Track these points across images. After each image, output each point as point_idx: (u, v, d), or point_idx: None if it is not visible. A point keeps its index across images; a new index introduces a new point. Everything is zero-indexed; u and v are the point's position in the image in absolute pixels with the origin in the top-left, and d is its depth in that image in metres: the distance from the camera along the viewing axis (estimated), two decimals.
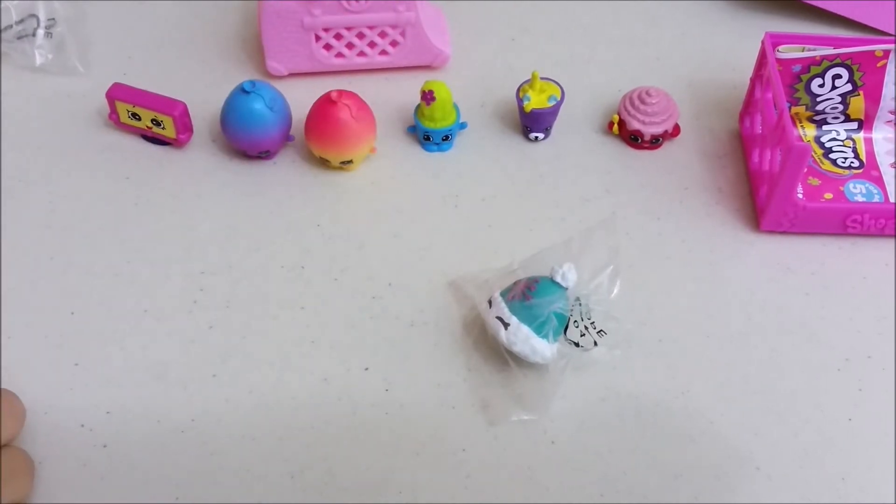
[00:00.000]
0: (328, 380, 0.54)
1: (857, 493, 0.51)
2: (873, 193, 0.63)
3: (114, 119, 0.63)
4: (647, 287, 0.59)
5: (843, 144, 0.65)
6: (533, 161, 0.65)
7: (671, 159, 0.65)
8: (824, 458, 0.52)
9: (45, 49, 0.68)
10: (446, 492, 0.50)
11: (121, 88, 0.63)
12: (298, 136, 0.64)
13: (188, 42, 0.71)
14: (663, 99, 0.64)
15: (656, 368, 0.55)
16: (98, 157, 0.64)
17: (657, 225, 0.62)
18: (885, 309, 0.58)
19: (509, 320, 0.52)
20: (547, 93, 0.64)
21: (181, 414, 0.52)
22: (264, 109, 0.60)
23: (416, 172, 0.64)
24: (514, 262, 0.56)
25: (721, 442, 0.52)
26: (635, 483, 0.50)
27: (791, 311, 0.58)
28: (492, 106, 0.68)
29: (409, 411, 0.53)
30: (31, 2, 0.69)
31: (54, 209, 0.61)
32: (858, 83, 0.64)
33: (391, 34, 0.67)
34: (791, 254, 0.60)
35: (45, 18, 0.69)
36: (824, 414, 0.53)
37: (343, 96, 0.60)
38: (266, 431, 0.52)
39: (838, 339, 0.57)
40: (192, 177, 0.63)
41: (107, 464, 0.50)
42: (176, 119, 0.62)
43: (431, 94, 0.62)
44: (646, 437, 0.52)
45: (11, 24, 0.69)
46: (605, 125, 0.67)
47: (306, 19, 0.65)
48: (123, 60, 0.69)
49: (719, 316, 0.57)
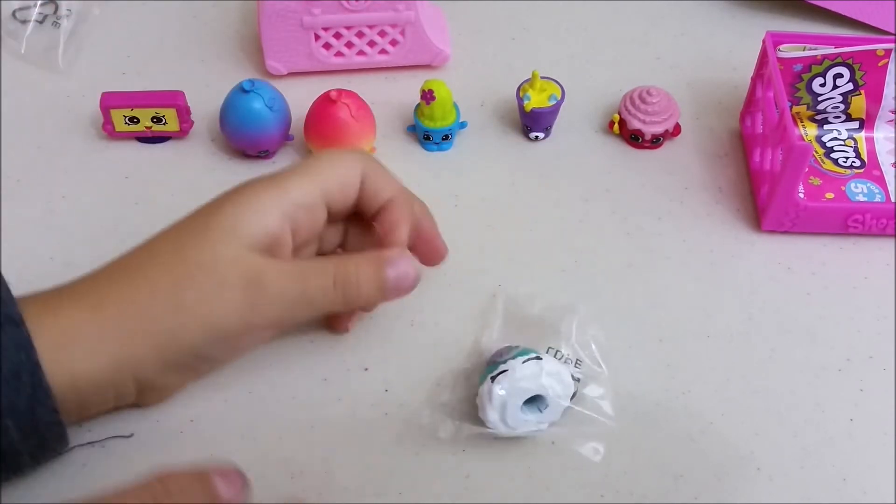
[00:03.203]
0: (328, 380, 0.54)
1: (857, 494, 0.50)
2: (875, 193, 0.63)
3: (108, 130, 0.63)
4: (647, 287, 0.58)
5: (844, 144, 0.65)
6: (533, 161, 0.65)
7: (672, 159, 0.65)
8: (825, 459, 0.52)
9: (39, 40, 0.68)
10: (446, 492, 0.50)
11: (112, 96, 0.62)
12: (298, 135, 0.64)
13: (187, 41, 0.71)
14: (664, 98, 0.64)
15: (656, 368, 0.55)
16: (98, 157, 0.64)
17: (657, 225, 0.62)
18: (886, 309, 0.58)
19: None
20: (547, 92, 0.64)
21: (181, 414, 0.52)
22: (263, 109, 0.60)
23: (415, 172, 0.64)
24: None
25: (721, 442, 0.52)
26: (635, 483, 0.50)
27: (792, 311, 0.58)
28: (492, 105, 0.68)
29: (409, 411, 0.52)
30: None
31: (54, 209, 0.61)
32: (860, 82, 0.64)
33: (391, 33, 0.66)
34: (792, 254, 0.60)
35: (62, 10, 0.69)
36: (825, 414, 0.53)
37: (343, 95, 0.60)
38: (266, 431, 0.52)
39: (839, 339, 0.57)
40: (191, 176, 0.63)
41: (106, 464, 0.50)
42: (180, 109, 0.62)
43: (431, 94, 0.62)
44: (646, 437, 0.52)
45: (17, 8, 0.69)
46: (605, 124, 0.67)
47: (306, 18, 0.64)
48: (122, 59, 0.69)
49: (719, 316, 0.57)
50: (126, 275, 0.47)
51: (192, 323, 0.46)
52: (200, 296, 0.46)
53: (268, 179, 0.49)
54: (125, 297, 0.46)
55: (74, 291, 0.47)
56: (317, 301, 0.48)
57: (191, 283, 0.46)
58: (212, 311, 0.46)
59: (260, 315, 0.47)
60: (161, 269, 0.47)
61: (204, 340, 0.47)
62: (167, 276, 0.47)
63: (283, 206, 0.48)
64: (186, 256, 0.47)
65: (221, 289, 0.46)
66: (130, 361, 0.46)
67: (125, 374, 0.46)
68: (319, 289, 0.48)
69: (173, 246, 0.48)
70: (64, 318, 0.45)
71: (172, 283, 0.46)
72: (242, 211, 0.48)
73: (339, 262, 0.49)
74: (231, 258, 0.47)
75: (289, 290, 0.47)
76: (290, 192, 0.49)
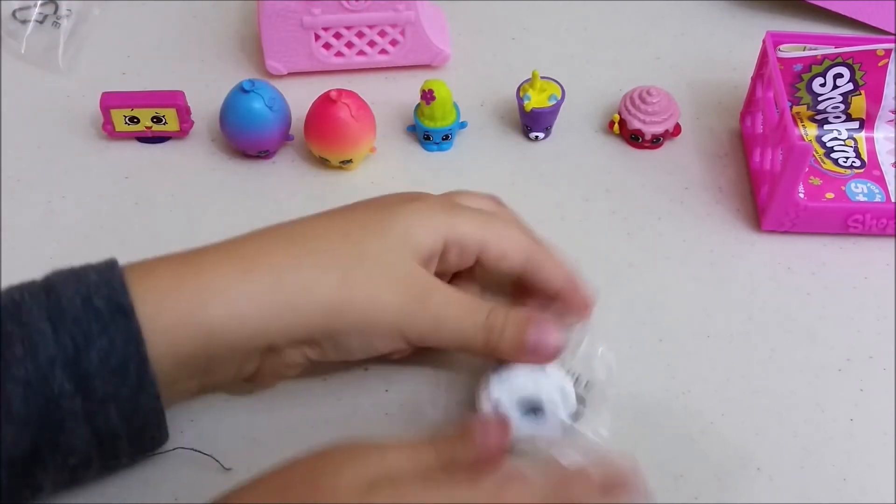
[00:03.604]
0: (328, 380, 0.54)
1: (858, 494, 0.50)
2: (875, 193, 0.63)
3: (108, 130, 0.63)
4: (647, 287, 0.58)
5: (844, 144, 0.65)
6: (533, 161, 0.65)
7: (672, 159, 0.65)
8: (825, 459, 0.52)
9: (39, 40, 0.68)
10: None
11: (113, 96, 0.62)
12: (298, 135, 0.64)
13: (187, 41, 0.71)
14: (664, 98, 0.64)
15: (656, 368, 0.55)
16: (98, 157, 0.64)
17: (657, 225, 0.62)
18: (886, 309, 0.58)
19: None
20: (547, 92, 0.64)
21: (181, 414, 0.52)
22: (263, 109, 0.60)
23: (416, 172, 0.64)
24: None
25: (721, 442, 0.52)
26: None
27: (792, 311, 0.58)
28: (492, 105, 0.68)
29: (410, 411, 0.52)
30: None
31: (54, 209, 0.61)
32: (860, 82, 0.64)
33: (391, 33, 0.66)
34: (792, 254, 0.60)
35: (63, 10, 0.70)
36: (825, 414, 0.53)
37: (343, 95, 0.60)
38: (266, 431, 0.52)
39: (839, 339, 0.57)
40: (191, 176, 0.63)
41: None
42: (180, 109, 0.62)
43: (431, 94, 0.62)
44: (646, 437, 0.52)
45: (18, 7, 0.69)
46: (605, 124, 0.67)
47: (306, 18, 0.64)
48: (122, 59, 0.69)
49: (719, 316, 0.57)
50: (281, 245, 0.47)
51: (352, 303, 0.46)
52: (368, 281, 0.46)
53: (445, 201, 0.51)
54: (281, 262, 0.46)
55: (213, 252, 0.47)
56: (464, 334, 0.48)
57: (362, 265, 0.46)
58: (377, 302, 0.46)
59: (412, 326, 0.47)
60: (329, 246, 0.47)
61: (356, 325, 0.47)
62: (336, 253, 0.47)
63: (447, 233, 0.49)
64: (360, 241, 0.47)
65: (389, 283, 0.47)
66: (275, 326, 0.45)
67: (260, 340, 0.46)
68: (471, 323, 0.48)
69: (345, 232, 0.48)
70: (206, 274, 0.45)
71: (343, 260, 0.46)
72: (417, 221, 0.48)
73: (496, 307, 0.49)
74: (405, 262, 0.47)
75: (449, 315, 0.48)
76: (458, 225, 0.49)
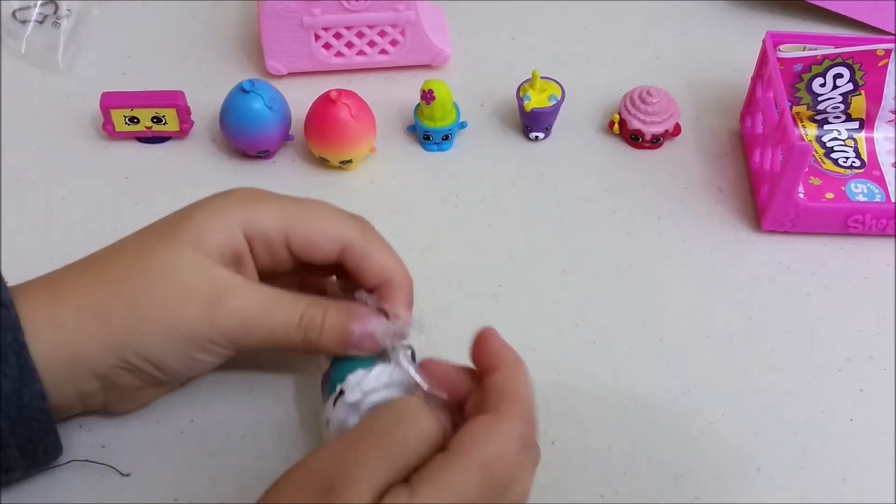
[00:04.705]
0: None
1: (857, 494, 0.50)
2: (874, 193, 0.63)
3: (108, 130, 0.63)
4: (647, 287, 0.58)
5: (844, 144, 0.65)
6: (533, 161, 0.65)
7: (672, 159, 0.65)
8: (825, 459, 0.52)
9: (39, 40, 0.68)
10: None
11: (112, 96, 0.62)
12: (298, 135, 0.64)
13: (187, 42, 0.71)
14: (664, 98, 0.64)
15: (656, 368, 0.55)
16: (97, 157, 0.64)
17: (657, 225, 0.62)
18: (886, 309, 0.58)
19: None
20: (547, 92, 0.64)
21: (181, 414, 0.52)
22: (263, 109, 0.60)
23: (415, 172, 0.64)
24: None
25: (721, 442, 0.52)
26: (635, 483, 0.50)
27: (792, 311, 0.58)
28: (492, 105, 0.68)
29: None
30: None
31: (54, 209, 0.61)
32: (860, 82, 0.64)
33: (391, 33, 0.66)
34: (792, 254, 0.60)
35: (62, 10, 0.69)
36: (825, 414, 0.53)
37: (343, 95, 0.60)
38: (266, 431, 0.52)
39: (839, 339, 0.57)
40: (191, 176, 0.63)
41: (105, 464, 0.50)
42: (180, 109, 0.62)
43: (431, 94, 0.62)
44: (646, 437, 0.52)
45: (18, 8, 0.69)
46: (605, 125, 0.67)
47: (306, 18, 0.64)
48: (122, 59, 0.69)
49: (719, 316, 0.57)
50: (86, 273, 0.47)
51: (148, 326, 0.45)
52: (159, 300, 0.45)
53: (252, 193, 0.49)
54: (82, 293, 0.46)
55: (31, 288, 0.46)
56: (277, 332, 0.47)
57: (151, 285, 0.46)
58: (169, 317, 0.45)
59: (216, 332, 0.46)
60: (122, 269, 0.46)
61: (158, 345, 0.46)
62: (127, 276, 0.46)
63: (245, 227, 0.47)
64: (150, 259, 0.46)
65: (182, 296, 0.45)
66: (85, 355, 0.45)
67: (82, 369, 0.45)
68: (283, 322, 0.47)
69: (138, 248, 0.47)
70: (22, 312, 0.45)
71: (132, 284, 0.46)
72: (210, 220, 0.47)
73: (312, 303, 0.47)
74: (197, 267, 0.46)
75: (251, 313, 0.46)
76: (258, 218, 0.48)
